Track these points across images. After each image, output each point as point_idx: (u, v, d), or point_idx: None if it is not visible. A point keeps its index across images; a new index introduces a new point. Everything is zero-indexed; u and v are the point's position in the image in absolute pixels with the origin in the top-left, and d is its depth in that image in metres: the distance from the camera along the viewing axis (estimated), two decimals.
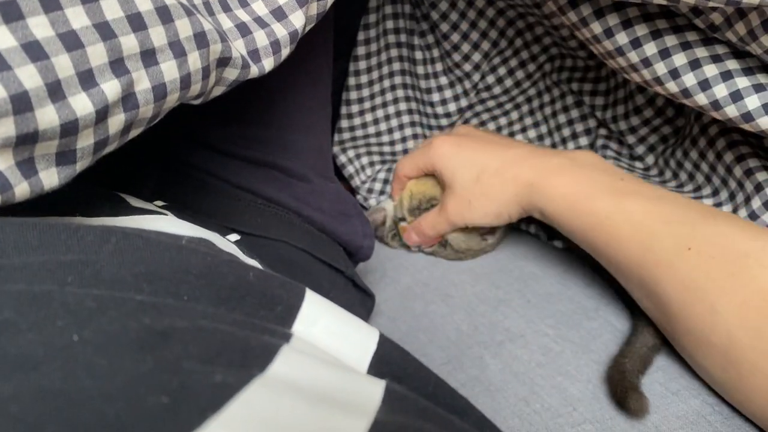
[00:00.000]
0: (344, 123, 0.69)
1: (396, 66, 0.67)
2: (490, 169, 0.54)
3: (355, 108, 0.68)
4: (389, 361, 0.24)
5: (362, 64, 0.66)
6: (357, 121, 0.69)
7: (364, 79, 0.67)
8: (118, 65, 0.26)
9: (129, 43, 0.26)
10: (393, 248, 0.66)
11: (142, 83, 0.27)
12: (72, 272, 0.20)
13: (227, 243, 0.35)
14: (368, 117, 0.69)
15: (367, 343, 0.24)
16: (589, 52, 0.62)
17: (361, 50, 0.65)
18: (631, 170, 0.61)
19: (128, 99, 0.27)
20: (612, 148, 0.64)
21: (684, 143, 0.56)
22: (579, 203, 0.47)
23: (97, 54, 0.25)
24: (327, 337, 0.22)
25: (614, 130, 0.64)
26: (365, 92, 0.68)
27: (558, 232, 0.59)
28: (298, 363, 0.19)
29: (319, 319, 0.23)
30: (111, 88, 0.25)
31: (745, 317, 0.36)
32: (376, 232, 0.65)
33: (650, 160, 0.62)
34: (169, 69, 0.28)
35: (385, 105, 0.69)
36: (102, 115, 0.26)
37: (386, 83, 0.68)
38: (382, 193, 0.70)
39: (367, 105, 0.69)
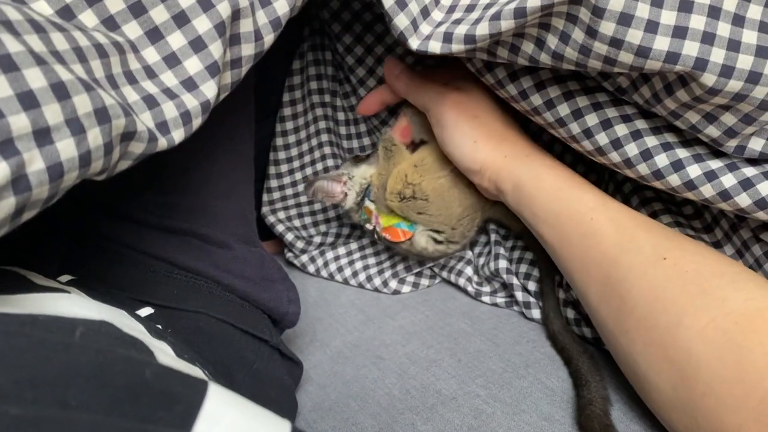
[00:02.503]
0: (273, 182, 0.68)
1: (322, 124, 0.68)
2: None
3: (284, 167, 0.68)
4: None
5: (289, 125, 0.66)
6: (287, 180, 0.69)
7: (291, 138, 0.67)
8: (6, 146, 0.24)
9: (19, 122, 0.25)
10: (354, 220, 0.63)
11: (35, 164, 0.25)
12: None
13: (133, 322, 0.33)
14: (298, 175, 0.69)
15: None
16: None
17: (287, 111, 0.65)
18: None
19: (19, 181, 0.25)
20: None
21: None
22: (567, 190, 0.46)
23: None
24: None
25: None
26: (294, 151, 0.67)
27: (487, 279, 0.59)
28: None
29: (223, 417, 0.21)
30: None
31: (709, 336, 0.35)
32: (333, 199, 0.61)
33: None
34: (65, 147, 0.26)
35: (313, 162, 0.69)
36: None
37: (314, 141, 0.68)
38: (312, 261, 0.69)
39: (296, 164, 0.68)
